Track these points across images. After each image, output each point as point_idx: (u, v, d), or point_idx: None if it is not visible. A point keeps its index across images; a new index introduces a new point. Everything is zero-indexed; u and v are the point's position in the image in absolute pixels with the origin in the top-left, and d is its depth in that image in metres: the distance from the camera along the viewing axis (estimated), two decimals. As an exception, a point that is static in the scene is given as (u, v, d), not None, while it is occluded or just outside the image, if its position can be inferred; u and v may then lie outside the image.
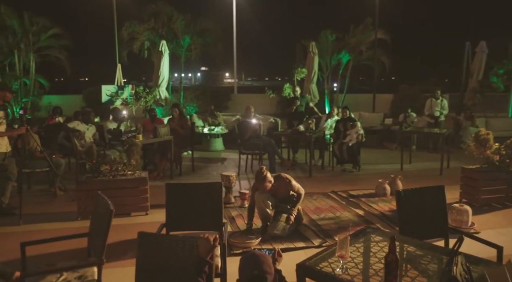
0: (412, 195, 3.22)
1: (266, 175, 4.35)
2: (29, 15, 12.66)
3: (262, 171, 4.37)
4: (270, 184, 4.41)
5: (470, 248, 3.25)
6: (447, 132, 7.69)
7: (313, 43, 10.68)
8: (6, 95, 5.05)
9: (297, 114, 8.42)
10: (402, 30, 41.34)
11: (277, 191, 4.55)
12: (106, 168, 5.16)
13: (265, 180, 4.34)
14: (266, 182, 4.35)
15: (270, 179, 4.40)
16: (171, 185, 3.43)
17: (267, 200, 4.55)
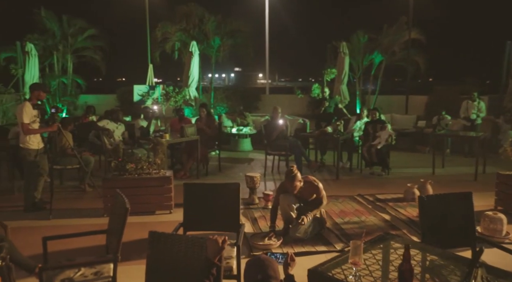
0: (436, 201, 3.08)
1: (296, 174, 4.28)
2: (68, 17, 13.15)
3: (292, 170, 4.30)
4: (300, 184, 4.34)
5: (503, 260, 3.07)
6: (483, 135, 7.34)
7: (344, 43, 10.48)
8: (40, 94, 5.24)
9: (326, 115, 8.29)
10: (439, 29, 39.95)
11: (303, 193, 4.48)
12: (132, 166, 5.25)
13: (295, 179, 4.26)
14: (296, 181, 4.28)
15: (300, 179, 4.33)
16: (189, 184, 3.44)
17: (292, 203, 4.48)
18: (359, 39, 12.96)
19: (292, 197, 4.46)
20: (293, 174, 4.27)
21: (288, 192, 4.45)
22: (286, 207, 4.46)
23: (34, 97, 5.23)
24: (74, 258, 3.14)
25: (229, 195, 3.36)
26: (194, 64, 10.34)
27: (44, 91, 5.27)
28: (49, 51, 13.36)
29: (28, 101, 5.22)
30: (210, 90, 13.49)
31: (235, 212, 3.33)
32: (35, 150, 5.30)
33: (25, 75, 10.01)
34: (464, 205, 3.12)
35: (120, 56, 31.12)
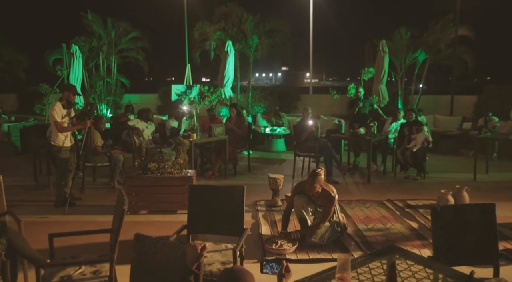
0: (451, 212, 2.82)
1: (320, 176, 4.11)
2: (112, 20, 13.68)
3: (319, 170, 4.14)
4: (319, 187, 4.17)
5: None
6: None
7: (384, 41, 10.06)
8: (70, 96, 5.44)
9: (360, 116, 7.99)
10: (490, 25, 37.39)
11: (317, 199, 4.32)
12: (154, 166, 5.32)
13: (317, 180, 4.10)
14: (318, 183, 4.12)
15: (321, 183, 4.16)
16: (194, 186, 3.41)
17: (306, 205, 4.34)
18: (401, 37, 12.39)
19: (306, 198, 4.31)
20: (317, 174, 4.11)
21: (303, 193, 4.30)
22: (300, 207, 4.33)
23: (64, 98, 5.44)
24: (79, 255, 3.20)
25: (233, 198, 3.28)
26: (229, 64, 10.36)
27: (74, 94, 5.45)
28: (96, 53, 13.98)
29: (58, 102, 5.44)
30: (248, 90, 13.48)
31: (239, 215, 3.25)
32: (65, 147, 5.51)
33: (70, 76, 10.50)
34: (485, 217, 2.83)
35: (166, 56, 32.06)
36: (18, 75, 14.77)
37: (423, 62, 12.71)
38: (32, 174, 7.17)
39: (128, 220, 5.26)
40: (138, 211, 5.51)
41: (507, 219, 5.11)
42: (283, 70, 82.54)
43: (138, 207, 5.50)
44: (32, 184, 6.97)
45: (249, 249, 4.27)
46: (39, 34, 22.51)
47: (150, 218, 5.38)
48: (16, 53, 14.58)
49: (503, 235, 4.60)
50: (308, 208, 4.36)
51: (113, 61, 13.94)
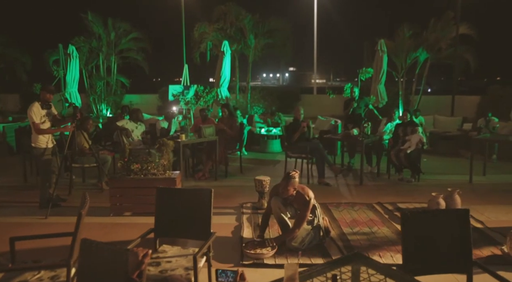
0: (423, 218, 2.68)
1: (294, 179, 3.99)
2: (112, 21, 13.68)
3: (293, 173, 4.02)
4: (292, 191, 4.05)
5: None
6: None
7: (382, 40, 9.88)
8: (46, 95, 5.37)
9: (355, 116, 7.84)
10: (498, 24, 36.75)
11: (293, 202, 4.19)
12: (137, 167, 5.24)
13: (290, 183, 3.99)
14: (290, 186, 4.00)
15: (295, 186, 4.04)
16: (161, 189, 3.31)
17: (284, 207, 4.22)
18: (404, 35, 12.18)
19: (283, 200, 4.20)
20: (291, 176, 3.99)
21: (279, 195, 4.19)
22: (277, 209, 4.21)
23: (42, 98, 5.38)
24: (42, 260, 3.12)
25: (201, 201, 3.18)
26: (225, 64, 10.27)
27: (48, 92, 5.37)
28: (96, 53, 14.00)
29: (37, 102, 5.38)
30: (247, 90, 13.38)
31: (205, 219, 3.15)
32: (46, 148, 5.45)
33: (66, 76, 10.49)
34: (459, 224, 2.69)
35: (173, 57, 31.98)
36: (20, 75, 14.85)
37: (424, 62, 12.48)
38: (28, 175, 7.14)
39: (112, 222, 5.21)
40: (122, 212, 5.43)
41: (499, 223, 4.95)
42: (291, 71, 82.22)
43: (122, 208, 5.42)
44: (21, 185, 6.94)
45: (228, 253, 4.17)
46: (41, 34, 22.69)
47: (134, 220, 5.29)
48: (18, 54, 14.66)
49: (492, 240, 4.44)
50: (286, 211, 4.24)
51: (113, 61, 13.94)
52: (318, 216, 4.30)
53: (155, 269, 2.93)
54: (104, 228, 4.97)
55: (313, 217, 4.29)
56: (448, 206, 5.45)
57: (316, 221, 4.29)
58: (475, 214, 5.30)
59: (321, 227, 4.37)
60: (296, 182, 4.07)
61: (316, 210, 4.29)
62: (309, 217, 4.26)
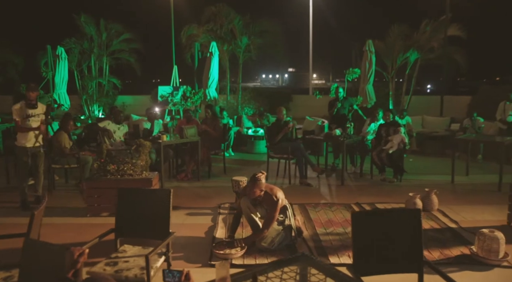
0: (373, 218, 2.69)
1: (260, 181, 3.98)
2: (105, 22, 13.69)
3: (259, 174, 4.01)
4: (259, 193, 4.05)
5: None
6: (509, 140, 6.52)
7: (369, 41, 9.89)
8: (28, 94, 5.39)
9: (339, 117, 7.84)
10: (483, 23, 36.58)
11: (262, 203, 4.19)
12: (113, 168, 5.25)
13: (256, 185, 3.98)
14: (256, 187, 3.99)
15: (261, 187, 4.03)
16: (122, 189, 3.34)
17: (254, 207, 4.23)
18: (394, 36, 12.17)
19: (252, 200, 4.20)
20: (257, 178, 3.99)
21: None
22: (247, 209, 4.22)
23: (26, 97, 5.41)
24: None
25: (160, 201, 3.20)
26: (214, 65, 10.28)
27: (29, 90, 5.38)
28: (88, 55, 14.01)
29: (23, 101, 5.41)
30: (238, 91, 13.39)
31: (164, 219, 3.17)
32: (25, 148, 5.46)
33: (55, 77, 10.51)
34: (410, 223, 2.69)
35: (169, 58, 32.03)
36: (12, 77, 14.88)
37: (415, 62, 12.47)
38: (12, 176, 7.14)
39: (88, 222, 5.21)
40: (100, 213, 5.43)
41: (474, 223, 4.94)
42: (290, 72, 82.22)
43: (100, 209, 5.43)
44: (4, 186, 6.94)
45: (198, 253, 4.18)
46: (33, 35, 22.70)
47: (110, 221, 5.18)
48: (11, 55, 14.69)
49: (464, 240, 4.44)
50: (256, 211, 4.25)
51: (105, 62, 13.96)
52: (289, 217, 4.30)
53: (111, 268, 2.94)
54: (80, 229, 4.98)
55: (284, 218, 4.29)
56: (425, 206, 5.45)
57: (287, 221, 4.29)
58: (451, 214, 5.30)
59: (292, 227, 4.37)
60: (261, 183, 4.06)
61: (287, 211, 4.29)
62: (280, 217, 4.27)
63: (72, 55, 13.34)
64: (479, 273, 3.74)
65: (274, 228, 4.24)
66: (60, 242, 3.93)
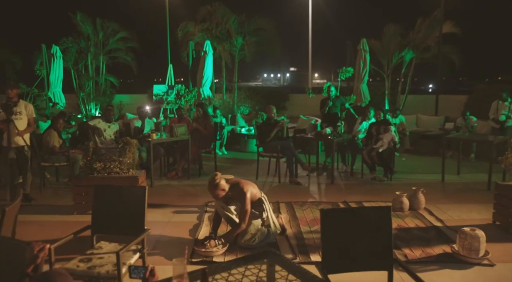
0: (342, 215, 2.69)
1: (218, 183, 4.01)
2: (101, 20, 13.72)
3: (214, 177, 4.05)
4: (223, 193, 4.08)
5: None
6: (499, 139, 6.50)
7: (364, 40, 9.87)
8: (8, 92, 5.39)
9: (331, 116, 7.84)
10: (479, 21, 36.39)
11: (235, 199, 4.20)
12: (99, 166, 5.27)
13: (216, 187, 4.02)
14: (218, 190, 4.03)
15: (222, 187, 4.05)
16: (98, 186, 3.34)
17: (227, 205, 4.24)
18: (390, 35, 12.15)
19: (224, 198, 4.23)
20: (214, 182, 4.00)
21: None
22: (221, 209, 4.25)
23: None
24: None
25: (135, 198, 3.21)
26: (208, 64, 10.29)
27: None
28: (85, 54, 14.04)
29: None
30: (234, 89, 13.39)
31: (140, 215, 3.17)
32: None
33: (50, 76, 10.54)
34: (380, 221, 2.68)
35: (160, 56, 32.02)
36: (10, 76, 14.92)
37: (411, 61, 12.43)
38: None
39: (75, 220, 5.22)
40: (87, 211, 5.41)
41: (460, 222, 4.93)
42: (291, 71, 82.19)
43: (87, 206, 5.42)
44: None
45: (180, 250, 4.18)
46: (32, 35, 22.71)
47: None
48: (8, 54, 14.72)
49: (448, 239, 4.43)
50: (231, 208, 4.26)
51: (102, 61, 13.98)
52: (266, 210, 4.30)
53: (84, 265, 2.95)
54: (65, 226, 4.98)
55: (261, 211, 4.28)
56: (412, 205, 5.45)
57: (265, 215, 4.29)
58: (438, 213, 5.29)
59: (274, 223, 4.39)
60: (219, 184, 4.05)
61: (264, 204, 4.29)
62: (257, 212, 4.28)
63: (69, 54, 13.38)
64: (458, 272, 3.73)
65: (254, 224, 4.25)
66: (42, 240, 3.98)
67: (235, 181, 4.22)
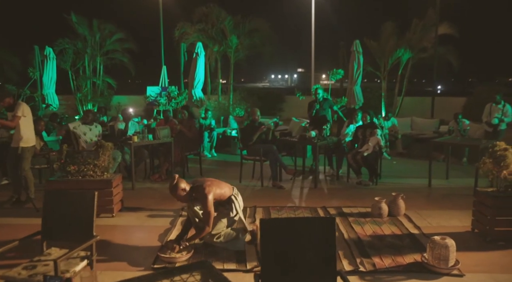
0: (281, 226, 2.58)
1: (175, 184, 3.96)
2: (97, 22, 13.75)
3: (172, 179, 3.98)
4: (183, 193, 4.02)
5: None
6: (485, 143, 6.32)
7: (357, 41, 9.73)
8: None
9: (318, 118, 7.72)
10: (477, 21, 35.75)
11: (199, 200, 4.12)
12: (73, 168, 5.22)
13: (174, 189, 3.97)
14: (177, 191, 3.98)
15: (182, 188, 3.99)
16: (49, 191, 3.29)
17: (193, 207, 4.16)
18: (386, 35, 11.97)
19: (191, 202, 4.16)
20: (172, 184, 3.94)
21: None
22: (191, 213, 4.19)
23: None
24: None
25: (84, 204, 3.15)
26: (200, 65, 10.23)
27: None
28: (82, 55, 14.09)
29: None
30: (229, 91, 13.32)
31: (89, 222, 3.11)
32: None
33: (43, 77, 10.57)
34: (324, 232, 2.58)
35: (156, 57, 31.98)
36: (10, 77, 15.03)
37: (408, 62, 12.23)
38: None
39: (36, 223, 5.16)
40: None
41: (438, 229, 4.79)
42: (299, 72, 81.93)
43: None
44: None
45: (145, 256, 4.11)
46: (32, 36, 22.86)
47: None
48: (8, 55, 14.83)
49: (421, 247, 4.28)
50: (195, 209, 4.19)
51: (99, 62, 14.02)
52: (236, 209, 4.22)
53: (26, 272, 2.89)
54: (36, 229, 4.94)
55: (229, 210, 4.21)
56: (391, 211, 5.31)
57: (233, 213, 4.21)
58: (417, 219, 5.16)
59: (245, 227, 4.33)
60: (178, 185, 4.02)
61: (233, 203, 4.21)
62: (225, 210, 4.21)
63: (66, 55, 13.43)
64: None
65: (223, 221, 4.23)
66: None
67: (200, 181, 4.14)
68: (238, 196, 4.37)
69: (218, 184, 4.17)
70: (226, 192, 4.22)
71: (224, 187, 4.23)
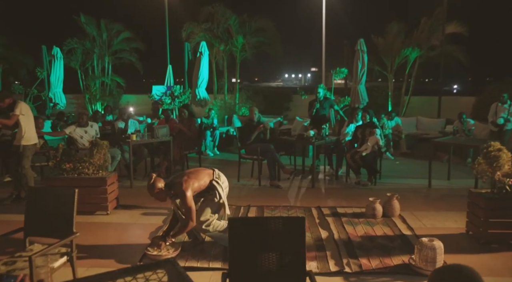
0: (250, 225, 2.58)
1: (152, 183, 3.95)
2: (105, 22, 13.92)
3: (149, 178, 3.98)
4: (158, 191, 4.01)
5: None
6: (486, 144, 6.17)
7: (361, 40, 9.63)
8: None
9: (318, 118, 7.67)
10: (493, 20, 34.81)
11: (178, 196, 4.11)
12: (69, 166, 5.30)
13: (151, 188, 3.95)
14: (154, 190, 3.96)
15: (159, 187, 3.98)
16: (32, 188, 3.35)
17: (176, 202, 4.17)
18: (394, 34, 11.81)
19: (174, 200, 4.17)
20: (149, 183, 3.94)
21: None
22: (176, 210, 4.19)
23: None
24: None
25: (65, 201, 3.19)
26: (203, 65, 10.26)
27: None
28: (91, 54, 14.28)
29: None
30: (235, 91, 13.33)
31: (69, 218, 3.15)
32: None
33: (50, 77, 10.75)
34: (294, 233, 2.56)
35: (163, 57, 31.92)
36: (22, 77, 15.33)
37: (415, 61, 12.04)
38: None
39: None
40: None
41: (431, 231, 4.72)
42: (312, 71, 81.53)
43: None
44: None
45: (133, 253, 4.15)
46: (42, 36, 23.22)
47: None
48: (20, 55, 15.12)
49: (411, 248, 4.20)
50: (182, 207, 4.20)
51: (107, 62, 14.19)
52: (219, 195, 4.15)
53: (5, 268, 2.94)
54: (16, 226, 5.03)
55: (213, 195, 4.15)
56: (386, 212, 5.24)
57: (216, 200, 4.16)
58: (412, 220, 5.08)
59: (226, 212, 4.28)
60: (153, 185, 3.97)
61: (216, 190, 4.13)
62: (209, 195, 4.18)
63: (75, 55, 13.63)
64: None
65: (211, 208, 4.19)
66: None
67: (178, 177, 4.09)
68: (220, 178, 4.24)
69: (196, 176, 4.05)
70: (206, 181, 4.10)
71: (203, 176, 4.11)
